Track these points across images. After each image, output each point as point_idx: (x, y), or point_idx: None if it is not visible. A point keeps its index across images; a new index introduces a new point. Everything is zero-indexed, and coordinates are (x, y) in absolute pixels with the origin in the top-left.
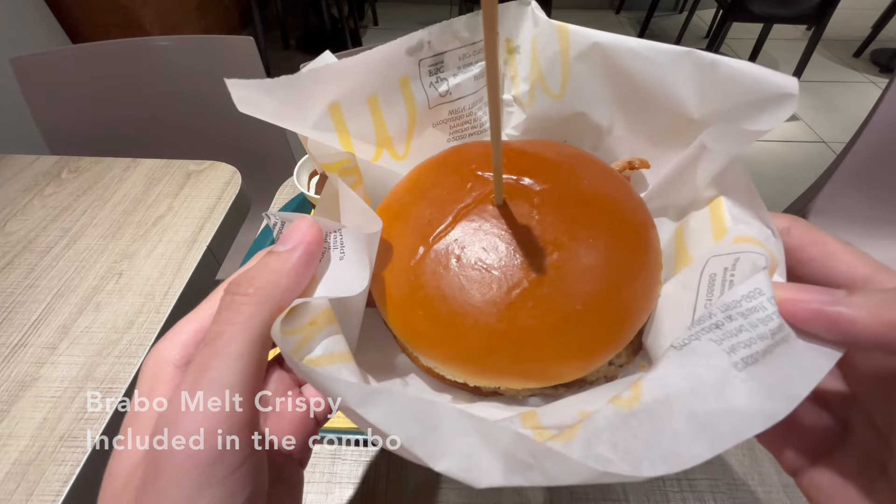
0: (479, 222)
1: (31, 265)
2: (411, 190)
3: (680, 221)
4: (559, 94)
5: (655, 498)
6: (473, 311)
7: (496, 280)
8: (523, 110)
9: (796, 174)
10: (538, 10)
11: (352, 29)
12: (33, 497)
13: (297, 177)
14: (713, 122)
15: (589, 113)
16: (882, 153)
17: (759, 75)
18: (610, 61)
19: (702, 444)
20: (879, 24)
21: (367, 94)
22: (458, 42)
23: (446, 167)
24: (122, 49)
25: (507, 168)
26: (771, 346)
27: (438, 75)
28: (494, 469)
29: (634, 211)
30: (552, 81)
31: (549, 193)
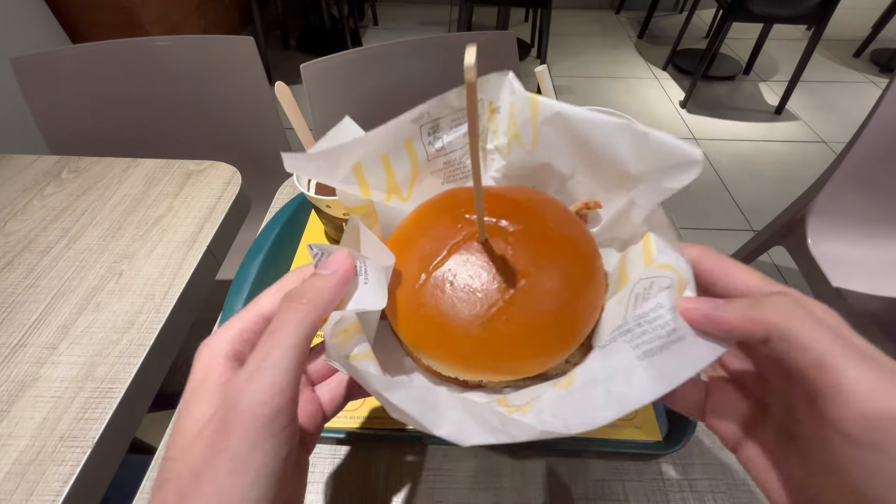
0: (467, 255)
1: (31, 265)
2: (415, 227)
3: (623, 252)
4: (531, 149)
5: (655, 498)
6: (463, 323)
7: (479, 300)
8: (503, 158)
9: (796, 174)
10: (515, 81)
11: (352, 29)
12: (33, 497)
13: (297, 177)
14: (646, 176)
15: (554, 164)
16: (882, 153)
17: (676, 145)
18: (569, 126)
19: (612, 410)
20: (879, 24)
21: (381, 155)
22: (449, 110)
23: (442, 210)
24: (122, 49)
25: (488, 212)
26: (667, 343)
27: (435, 135)
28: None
29: (585, 245)
30: (525, 139)
31: (520, 233)
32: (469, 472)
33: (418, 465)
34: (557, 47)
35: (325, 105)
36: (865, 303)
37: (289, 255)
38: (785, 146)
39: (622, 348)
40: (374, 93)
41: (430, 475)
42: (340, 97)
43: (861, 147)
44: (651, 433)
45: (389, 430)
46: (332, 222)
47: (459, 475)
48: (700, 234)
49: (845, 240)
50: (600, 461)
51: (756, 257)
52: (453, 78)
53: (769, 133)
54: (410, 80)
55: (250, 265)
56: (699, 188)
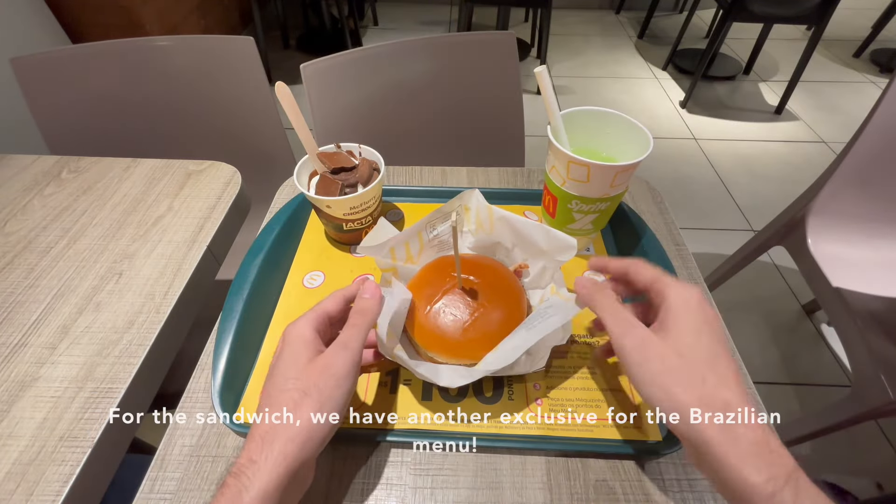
0: (452, 297)
1: (31, 265)
2: (422, 279)
3: (542, 291)
4: (489, 232)
5: (655, 498)
6: (450, 332)
7: (459, 321)
8: (474, 236)
9: (796, 174)
10: (480, 197)
11: (352, 29)
12: (33, 497)
13: (297, 177)
14: (551, 253)
15: (502, 242)
16: (882, 153)
17: (564, 237)
18: (510, 223)
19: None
20: (879, 24)
21: (404, 242)
22: (441, 215)
23: (436, 270)
24: (122, 49)
25: (462, 271)
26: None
27: (432, 230)
28: (457, 378)
29: (516, 290)
30: (486, 227)
31: (481, 284)
32: (469, 472)
33: (418, 465)
34: (557, 47)
35: (325, 105)
36: (865, 303)
37: (289, 255)
38: (785, 146)
39: (534, 317)
40: (374, 93)
41: (430, 475)
42: (340, 97)
43: (861, 147)
44: (651, 433)
45: (389, 430)
46: (332, 222)
47: (459, 475)
48: (700, 234)
49: (845, 240)
50: (600, 461)
51: (756, 257)
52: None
53: (769, 133)
54: (410, 80)
55: (250, 265)
56: (699, 188)
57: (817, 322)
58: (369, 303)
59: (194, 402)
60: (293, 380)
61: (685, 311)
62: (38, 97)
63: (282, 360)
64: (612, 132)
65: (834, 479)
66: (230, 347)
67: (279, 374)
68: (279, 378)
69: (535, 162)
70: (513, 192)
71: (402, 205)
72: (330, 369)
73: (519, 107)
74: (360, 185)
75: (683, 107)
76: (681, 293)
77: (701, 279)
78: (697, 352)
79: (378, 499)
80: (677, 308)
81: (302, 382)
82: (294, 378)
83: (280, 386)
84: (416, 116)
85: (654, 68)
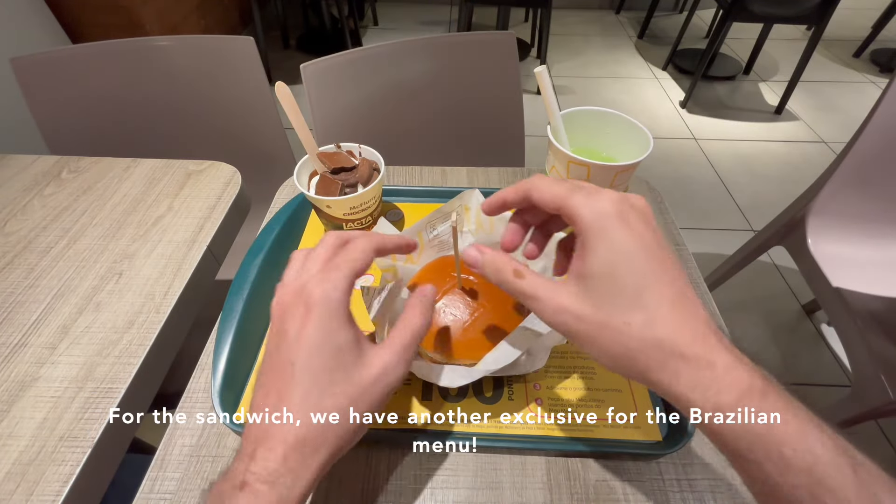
0: (452, 297)
1: (31, 265)
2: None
3: None
4: (489, 232)
5: (655, 498)
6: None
7: (459, 321)
8: (474, 236)
9: (796, 174)
10: (480, 197)
11: (352, 29)
12: (33, 497)
13: (297, 177)
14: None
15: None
16: (882, 153)
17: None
18: None
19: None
20: (879, 24)
21: None
22: (441, 215)
23: (437, 269)
24: (122, 49)
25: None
26: None
27: (432, 230)
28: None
29: None
30: (486, 227)
31: (481, 284)
32: (469, 472)
33: (418, 465)
34: (557, 47)
35: (325, 105)
36: (865, 303)
37: (289, 255)
38: (785, 146)
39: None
40: (374, 93)
41: (430, 475)
42: (340, 97)
43: (861, 147)
44: (651, 433)
45: (389, 430)
46: (332, 222)
47: (459, 475)
48: (700, 234)
49: (845, 240)
50: (600, 461)
51: (756, 257)
52: (452, 78)
53: (769, 133)
54: (410, 80)
55: (250, 265)
56: (699, 188)
57: (817, 322)
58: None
59: (194, 402)
60: (342, 384)
61: (599, 238)
62: (38, 97)
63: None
64: (612, 132)
65: None
66: (230, 347)
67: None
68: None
69: (535, 162)
70: None
71: (402, 205)
72: (385, 379)
73: (519, 107)
74: (360, 185)
75: (683, 107)
76: (590, 212)
77: (701, 279)
78: (616, 291)
79: (378, 499)
80: (588, 234)
81: (353, 389)
82: (343, 381)
83: (325, 388)
84: (416, 116)
85: (654, 68)
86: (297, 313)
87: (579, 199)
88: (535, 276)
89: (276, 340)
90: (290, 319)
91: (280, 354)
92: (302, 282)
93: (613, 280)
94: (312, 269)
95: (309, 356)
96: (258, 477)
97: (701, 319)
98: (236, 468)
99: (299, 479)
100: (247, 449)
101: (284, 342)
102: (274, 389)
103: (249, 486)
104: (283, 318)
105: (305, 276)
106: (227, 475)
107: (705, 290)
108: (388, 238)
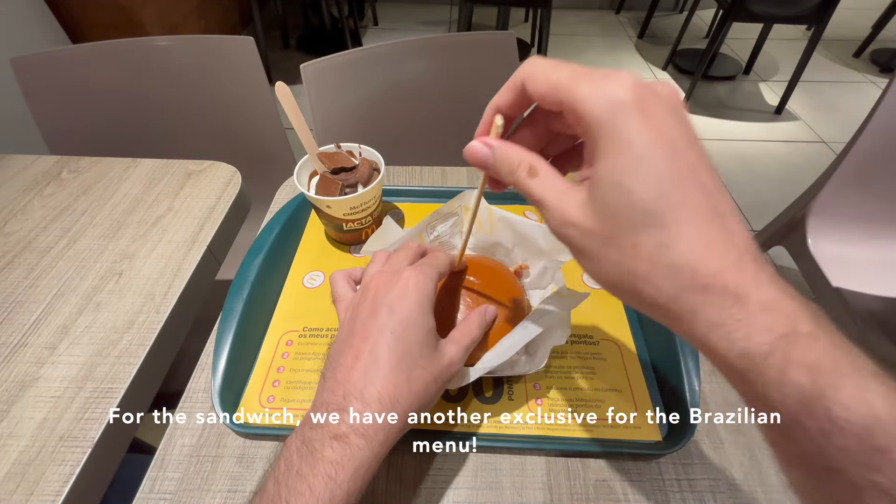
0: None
1: (31, 265)
2: None
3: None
4: (489, 232)
5: (655, 498)
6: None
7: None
8: (474, 237)
9: (796, 174)
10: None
11: (352, 29)
12: (33, 497)
13: (297, 177)
14: (551, 253)
15: (502, 242)
16: (882, 153)
17: None
18: (510, 223)
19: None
20: (879, 24)
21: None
22: (441, 216)
23: None
24: (122, 49)
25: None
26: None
27: (432, 231)
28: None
29: (516, 291)
30: (486, 227)
31: (480, 284)
32: (469, 472)
33: (418, 465)
34: (557, 47)
35: (325, 105)
36: (865, 303)
37: (289, 255)
38: (785, 146)
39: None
40: (373, 93)
41: (430, 475)
42: (340, 97)
43: (861, 147)
44: (651, 433)
45: None
46: (332, 222)
47: (459, 475)
48: None
49: (845, 240)
50: (600, 461)
51: None
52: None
53: (769, 133)
54: (410, 80)
55: (250, 265)
56: None
57: None
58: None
59: (194, 402)
60: (427, 360)
61: (610, 137)
62: (38, 97)
63: (413, 320)
64: None
65: None
66: (230, 347)
67: (414, 341)
68: (414, 347)
69: None
70: (513, 193)
71: (402, 205)
72: (451, 369)
73: None
74: (360, 185)
75: None
76: (600, 103)
77: None
78: (627, 203)
79: (378, 499)
80: (598, 132)
81: (434, 368)
82: (428, 358)
83: (415, 360)
84: (416, 116)
85: (655, 68)
86: (396, 291)
87: (584, 89)
88: (549, 176)
89: (370, 310)
90: (387, 295)
91: (378, 323)
92: (399, 268)
93: (624, 189)
94: (403, 264)
95: (406, 328)
96: (355, 430)
97: (735, 241)
98: (327, 420)
99: (390, 435)
100: (337, 402)
101: (384, 313)
102: (367, 351)
103: (346, 437)
104: (380, 293)
105: (400, 265)
106: (313, 424)
107: None
108: (454, 258)
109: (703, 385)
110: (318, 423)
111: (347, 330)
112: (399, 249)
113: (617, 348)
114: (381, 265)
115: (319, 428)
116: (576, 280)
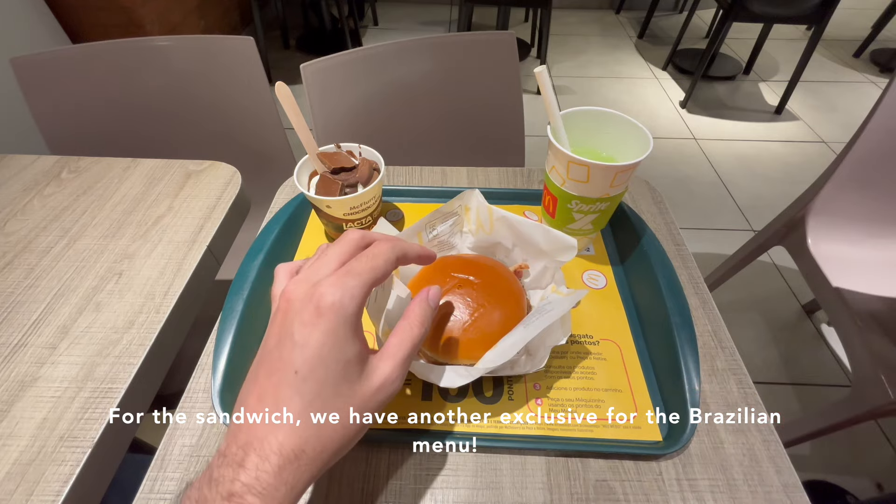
0: (453, 297)
1: (31, 265)
2: (422, 279)
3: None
4: (489, 232)
5: (655, 498)
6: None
7: (459, 321)
8: (474, 236)
9: (796, 174)
10: (480, 196)
11: (352, 29)
12: (33, 497)
13: (297, 177)
14: (551, 253)
15: (502, 242)
16: (882, 153)
17: (564, 237)
18: (510, 223)
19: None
20: (879, 24)
21: None
22: (440, 216)
23: (437, 270)
24: (122, 49)
25: (462, 270)
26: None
27: (432, 230)
28: (456, 379)
29: (516, 290)
30: (486, 227)
31: (480, 284)
32: (469, 472)
33: (418, 465)
34: (557, 47)
35: (325, 105)
36: (865, 303)
37: (289, 256)
38: (785, 146)
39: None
40: (374, 93)
41: (430, 475)
42: (340, 97)
43: (861, 147)
44: (651, 433)
45: (389, 430)
46: (332, 222)
47: (459, 475)
48: (700, 234)
49: (845, 240)
50: (600, 461)
51: (756, 257)
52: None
53: (769, 133)
54: (410, 80)
55: (250, 265)
56: (699, 188)
57: (817, 322)
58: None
59: (194, 402)
60: (345, 396)
61: None
62: (38, 97)
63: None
64: (611, 132)
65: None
66: (230, 347)
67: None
68: (326, 387)
69: (535, 162)
70: (513, 192)
71: (402, 205)
72: (385, 390)
73: (519, 107)
74: (360, 185)
75: (683, 107)
76: None
77: (701, 279)
78: None
79: (378, 499)
80: None
81: (355, 401)
82: (346, 394)
83: (328, 399)
84: (416, 116)
85: (654, 68)
86: (306, 315)
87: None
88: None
89: (277, 338)
90: (297, 320)
91: (283, 356)
92: (315, 281)
93: None
94: (330, 267)
95: (314, 367)
96: (249, 489)
97: None
98: (223, 475)
99: (293, 490)
100: (235, 454)
101: (288, 344)
102: (271, 394)
103: (239, 497)
104: (290, 317)
105: (321, 275)
106: (210, 479)
107: (705, 291)
108: (412, 247)
109: (703, 385)
110: (215, 478)
111: (258, 356)
112: (339, 241)
113: (617, 348)
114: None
115: (215, 484)
116: (576, 280)
